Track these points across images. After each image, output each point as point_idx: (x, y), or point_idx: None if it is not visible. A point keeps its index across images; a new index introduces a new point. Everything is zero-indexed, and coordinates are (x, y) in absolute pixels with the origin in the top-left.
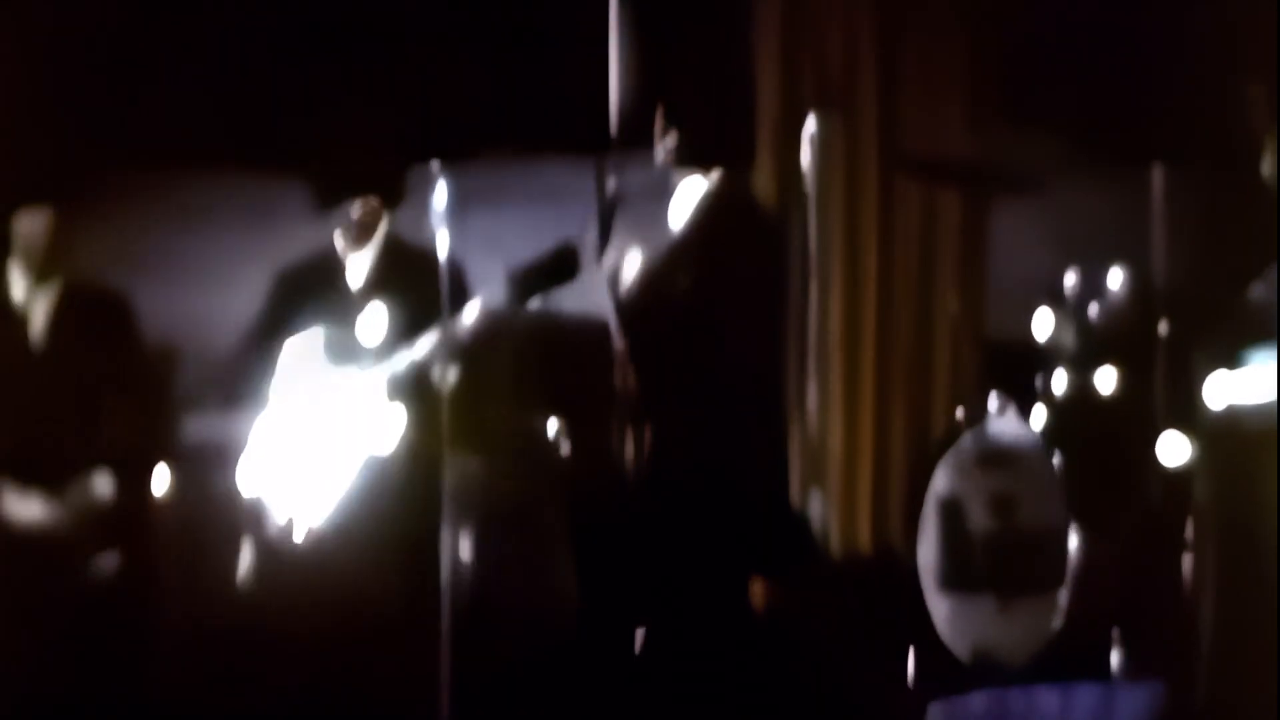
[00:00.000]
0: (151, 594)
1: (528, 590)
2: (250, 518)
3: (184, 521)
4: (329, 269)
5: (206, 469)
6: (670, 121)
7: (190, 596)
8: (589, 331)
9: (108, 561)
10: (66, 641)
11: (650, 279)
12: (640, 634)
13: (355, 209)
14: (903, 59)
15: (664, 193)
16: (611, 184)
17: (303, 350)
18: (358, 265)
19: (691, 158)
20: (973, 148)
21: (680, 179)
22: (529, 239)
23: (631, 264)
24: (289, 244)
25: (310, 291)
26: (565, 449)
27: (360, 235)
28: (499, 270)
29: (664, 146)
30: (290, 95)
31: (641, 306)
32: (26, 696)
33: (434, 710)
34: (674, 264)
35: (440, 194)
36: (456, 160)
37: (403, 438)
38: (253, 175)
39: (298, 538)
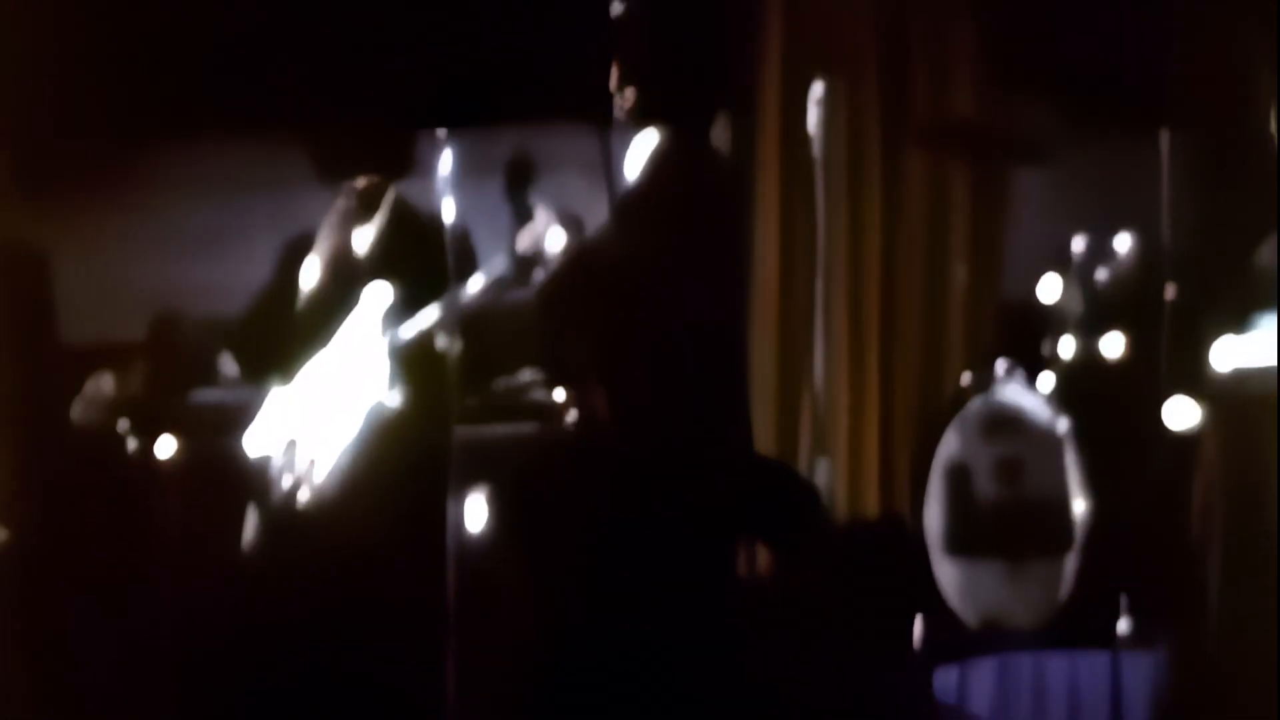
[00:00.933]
0: (155, 558)
1: (531, 561)
2: (257, 483)
3: (191, 486)
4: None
5: (215, 434)
6: (626, 79)
7: (194, 560)
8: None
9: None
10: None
11: (605, 236)
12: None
13: (359, 180)
14: (909, 24)
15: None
16: (614, 153)
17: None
18: (363, 235)
19: (648, 113)
20: (979, 113)
21: (635, 134)
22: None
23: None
24: (297, 213)
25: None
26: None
27: (365, 206)
28: (504, 240)
29: (620, 103)
30: (294, 61)
31: (597, 263)
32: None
33: (440, 677)
34: (627, 218)
35: (446, 163)
36: (462, 129)
37: (407, 406)
38: (258, 144)
39: (302, 501)
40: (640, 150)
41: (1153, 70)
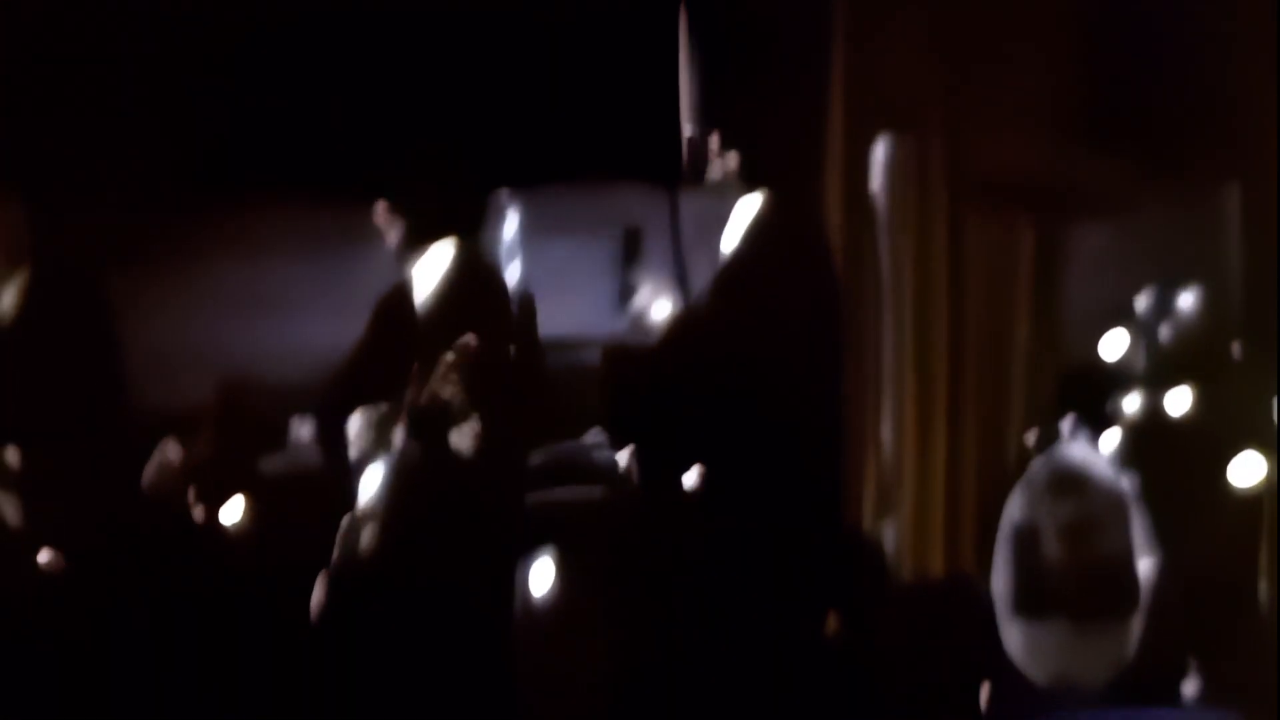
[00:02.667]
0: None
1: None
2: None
3: (260, 551)
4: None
5: (285, 499)
6: (730, 142)
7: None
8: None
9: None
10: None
11: (706, 301)
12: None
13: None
14: (973, 80)
15: (720, 219)
16: (681, 214)
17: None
18: (431, 289)
19: (752, 177)
20: (1043, 168)
21: (739, 199)
22: (598, 268)
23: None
24: (363, 274)
25: (391, 319)
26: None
27: (424, 241)
28: (570, 299)
29: (722, 167)
30: (363, 125)
31: (698, 328)
32: None
33: None
34: (729, 284)
35: (510, 223)
36: (526, 189)
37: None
38: (326, 205)
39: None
40: (743, 215)
41: (1219, 123)
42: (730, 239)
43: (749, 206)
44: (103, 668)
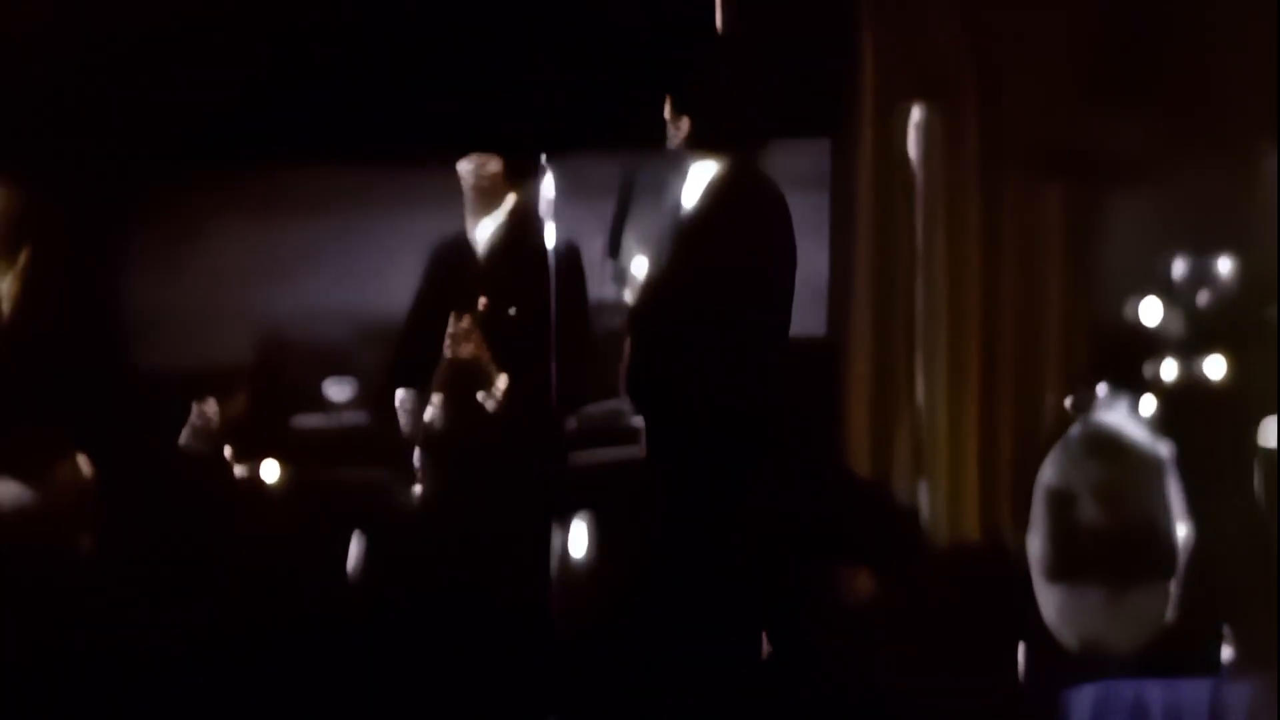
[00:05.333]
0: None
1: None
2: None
3: (296, 509)
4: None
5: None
6: (680, 109)
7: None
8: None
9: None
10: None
11: (660, 263)
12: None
13: (475, 173)
14: (1007, 47)
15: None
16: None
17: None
18: (483, 229)
19: (702, 143)
20: (1078, 134)
21: (691, 164)
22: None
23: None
24: (396, 237)
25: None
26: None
27: (482, 201)
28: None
29: (677, 131)
30: (391, 88)
31: (653, 291)
32: None
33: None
34: (683, 247)
35: (548, 185)
36: (562, 155)
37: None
38: (359, 167)
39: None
40: (697, 179)
41: (1256, 90)
42: (684, 202)
43: (703, 171)
44: (146, 625)
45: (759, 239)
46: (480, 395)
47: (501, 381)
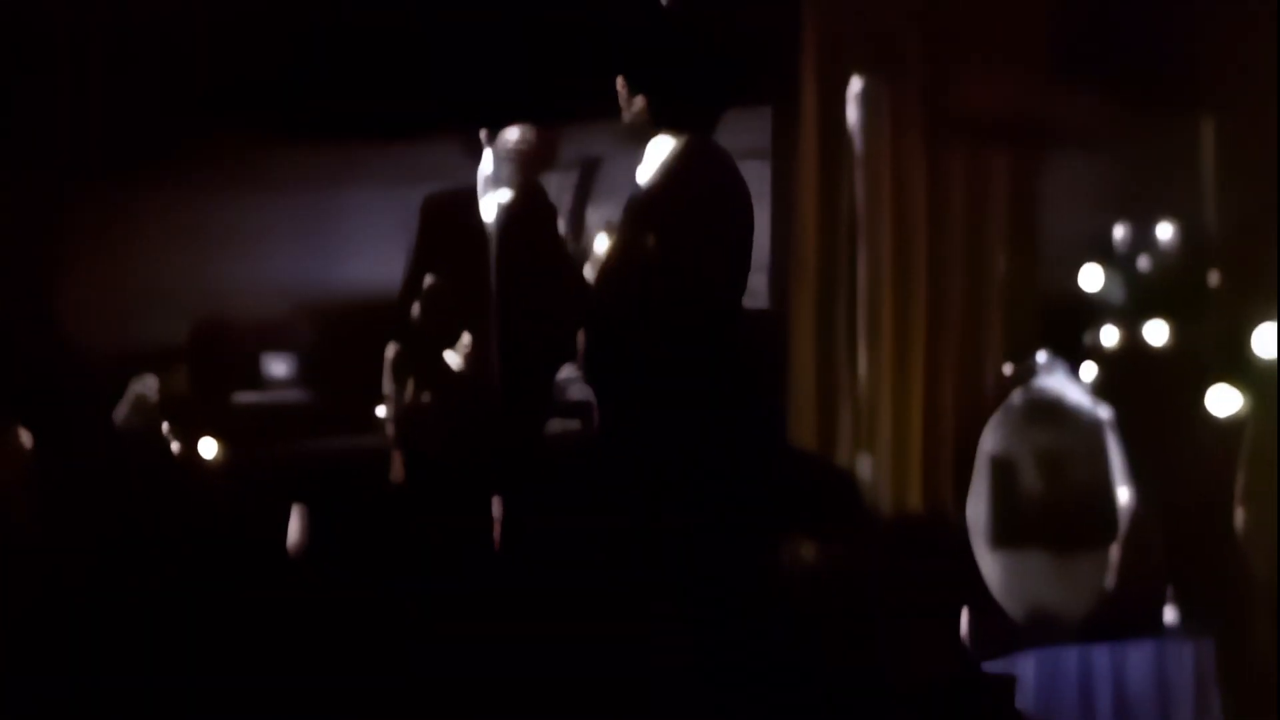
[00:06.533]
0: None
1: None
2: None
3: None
4: (469, 202)
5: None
6: (636, 86)
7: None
8: None
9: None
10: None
11: (617, 240)
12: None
13: (514, 143)
14: (949, 16)
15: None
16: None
17: None
18: (494, 202)
19: (658, 121)
20: (1019, 103)
21: (647, 140)
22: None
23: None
24: (337, 213)
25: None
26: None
27: (515, 169)
28: None
29: (630, 109)
30: (337, 65)
31: (609, 266)
32: None
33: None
34: (638, 221)
35: (487, 159)
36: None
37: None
38: (301, 143)
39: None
40: (651, 154)
41: (1195, 57)
42: (643, 177)
43: (660, 146)
44: (85, 602)
45: (715, 215)
46: (448, 355)
47: (465, 341)
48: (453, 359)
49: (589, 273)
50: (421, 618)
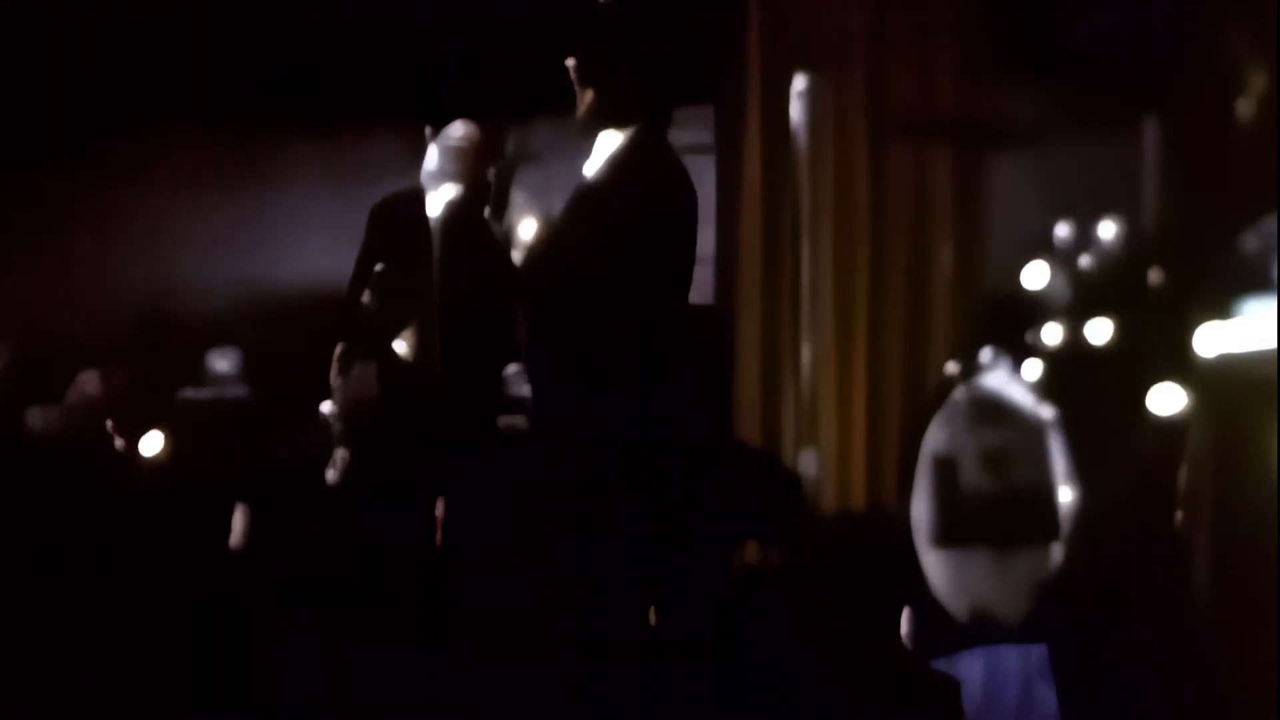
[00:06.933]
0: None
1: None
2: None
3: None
4: (416, 200)
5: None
6: (585, 81)
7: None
8: None
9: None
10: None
11: (555, 230)
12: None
13: (457, 138)
14: (894, 14)
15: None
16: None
17: None
18: (439, 198)
19: (606, 116)
20: (961, 101)
21: (594, 135)
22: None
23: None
24: (281, 208)
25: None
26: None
27: (459, 165)
28: None
29: (582, 102)
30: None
31: (545, 260)
32: None
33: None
34: (580, 215)
35: (431, 155)
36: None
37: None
38: (247, 139)
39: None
40: (599, 149)
41: (1137, 57)
42: (588, 170)
43: (607, 141)
44: (28, 599)
45: (659, 209)
46: (396, 345)
47: (411, 332)
48: (401, 349)
49: (517, 259)
50: (364, 615)
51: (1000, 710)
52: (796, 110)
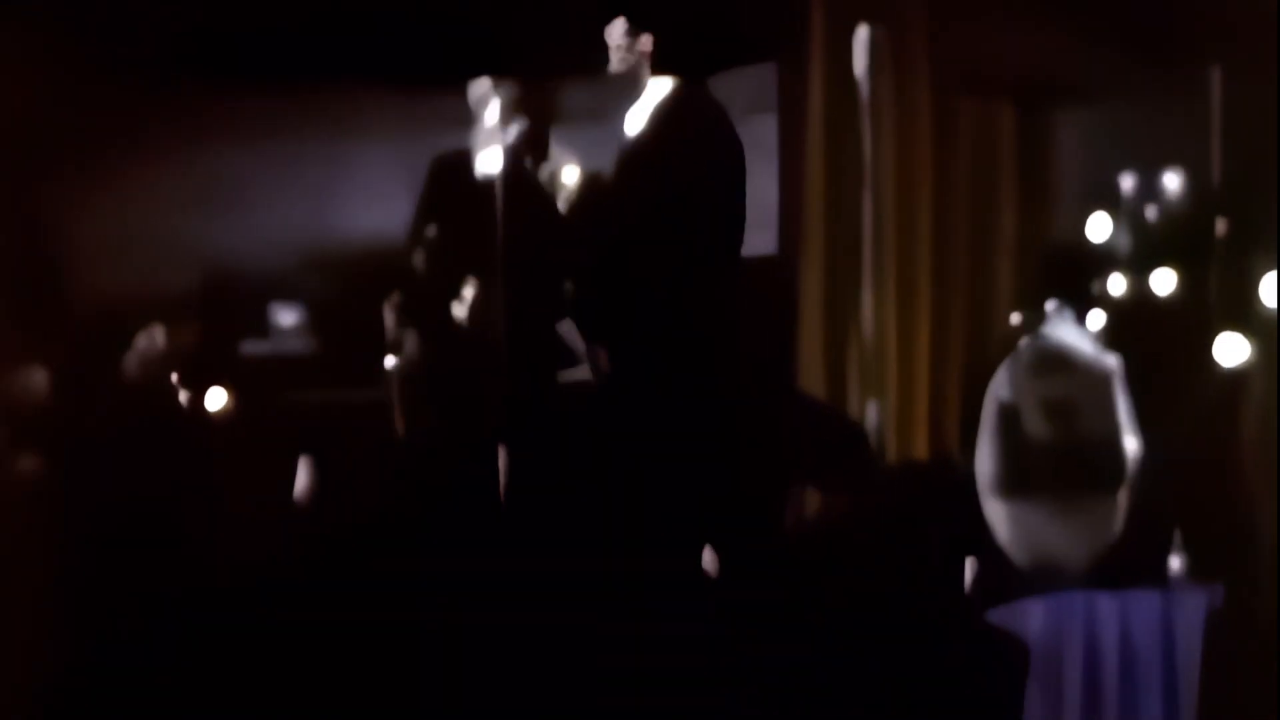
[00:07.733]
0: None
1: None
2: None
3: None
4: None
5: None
6: (640, 27)
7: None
8: None
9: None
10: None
11: (606, 181)
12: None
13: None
14: None
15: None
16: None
17: None
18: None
19: (663, 63)
20: (1026, 57)
21: (646, 83)
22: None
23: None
24: (343, 163)
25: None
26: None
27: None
28: None
29: (630, 52)
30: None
31: (596, 207)
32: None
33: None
34: (631, 165)
35: (493, 110)
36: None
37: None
38: (307, 95)
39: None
40: (648, 100)
41: (1201, 6)
42: (637, 120)
43: (657, 90)
44: (95, 554)
45: (706, 160)
46: (455, 307)
47: (471, 290)
48: (459, 310)
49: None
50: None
51: (1063, 659)
52: (859, 64)
